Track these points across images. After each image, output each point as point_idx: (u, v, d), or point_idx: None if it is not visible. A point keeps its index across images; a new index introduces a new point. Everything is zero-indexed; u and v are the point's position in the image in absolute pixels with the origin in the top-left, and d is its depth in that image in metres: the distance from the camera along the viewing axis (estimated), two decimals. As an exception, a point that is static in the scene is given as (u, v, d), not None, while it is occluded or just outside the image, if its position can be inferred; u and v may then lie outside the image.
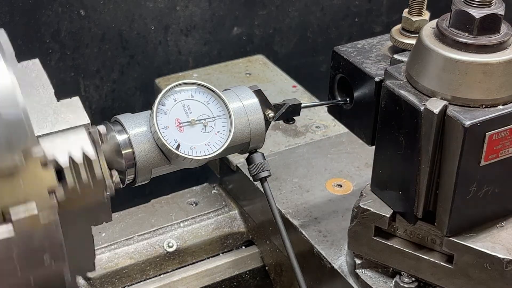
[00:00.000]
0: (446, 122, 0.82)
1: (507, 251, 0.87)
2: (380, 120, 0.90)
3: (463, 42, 0.82)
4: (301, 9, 1.70)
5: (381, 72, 0.93)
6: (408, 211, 0.89)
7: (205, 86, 0.92)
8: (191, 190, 1.29)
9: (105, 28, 1.50)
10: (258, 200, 1.18)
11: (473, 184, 0.85)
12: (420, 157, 0.84)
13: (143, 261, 1.17)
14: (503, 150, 0.84)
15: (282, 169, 1.21)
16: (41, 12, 1.42)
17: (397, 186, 0.90)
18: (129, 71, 1.57)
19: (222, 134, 0.91)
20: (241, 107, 0.94)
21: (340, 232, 1.08)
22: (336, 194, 1.16)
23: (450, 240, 0.88)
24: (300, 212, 1.12)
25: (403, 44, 0.95)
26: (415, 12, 0.95)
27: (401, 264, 0.94)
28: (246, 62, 1.53)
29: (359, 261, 0.98)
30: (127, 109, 1.28)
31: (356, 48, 0.99)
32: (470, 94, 0.82)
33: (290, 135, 1.30)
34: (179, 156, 0.88)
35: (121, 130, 0.89)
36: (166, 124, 0.89)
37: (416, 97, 0.84)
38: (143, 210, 1.24)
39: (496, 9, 0.83)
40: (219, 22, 1.61)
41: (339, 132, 1.29)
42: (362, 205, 0.93)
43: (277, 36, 1.70)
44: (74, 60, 1.50)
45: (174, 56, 1.60)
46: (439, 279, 0.91)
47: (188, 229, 1.21)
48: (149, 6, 1.52)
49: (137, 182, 0.91)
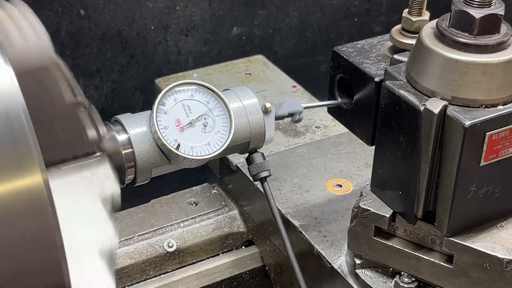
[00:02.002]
0: (446, 122, 0.82)
1: (507, 251, 0.87)
2: (380, 120, 0.90)
3: (463, 42, 0.82)
4: (301, 9, 1.70)
5: (381, 72, 0.93)
6: (408, 211, 0.89)
7: (205, 86, 0.93)
8: (191, 190, 1.29)
9: (105, 28, 1.50)
10: (258, 200, 1.18)
11: (473, 184, 0.85)
12: (420, 157, 0.84)
13: (143, 261, 1.17)
14: (503, 150, 0.84)
15: (282, 169, 1.21)
16: (41, 12, 1.42)
17: (397, 186, 0.90)
18: (129, 71, 1.57)
19: (222, 134, 0.91)
20: (241, 107, 0.94)
21: (340, 232, 1.08)
22: (336, 194, 1.16)
23: (450, 240, 0.88)
24: (300, 212, 1.12)
25: (403, 44, 0.95)
26: (415, 12, 0.95)
27: (401, 264, 0.94)
28: (246, 62, 1.53)
29: (359, 261, 0.98)
30: (127, 109, 1.27)
31: (356, 48, 0.99)
32: (470, 94, 0.82)
33: (290, 135, 1.30)
34: (179, 156, 0.88)
35: (121, 130, 0.89)
36: (166, 124, 0.89)
37: (416, 97, 0.84)
38: (143, 210, 1.24)
39: (496, 9, 0.83)
40: (219, 22, 1.61)
41: (339, 132, 1.29)
42: (362, 205, 0.93)
43: (277, 36, 1.70)
44: (74, 60, 1.50)
45: (174, 56, 1.60)
46: (439, 279, 0.92)
47: (188, 229, 1.21)
48: (149, 6, 1.52)
49: (137, 182, 0.91)
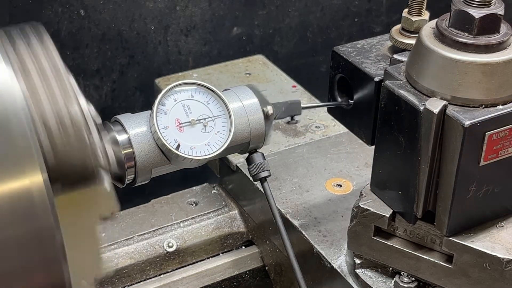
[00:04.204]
0: (446, 122, 0.82)
1: (507, 251, 0.87)
2: (379, 120, 0.90)
3: (462, 42, 0.82)
4: (301, 9, 1.70)
5: (380, 72, 0.93)
6: (407, 211, 0.89)
7: (205, 86, 0.93)
8: (191, 190, 1.29)
9: (105, 28, 1.50)
10: (258, 200, 1.18)
11: (473, 184, 0.85)
12: (419, 157, 0.84)
13: (143, 261, 1.17)
14: (502, 150, 0.84)
15: (282, 169, 1.21)
16: (41, 12, 1.42)
17: (396, 186, 0.90)
18: (129, 71, 1.57)
19: (222, 134, 0.91)
20: (241, 107, 0.94)
21: (340, 232, 1.08)
22: (336, 194, 1.16)
23: (449, 240, 0.88)
24: (300, 212, 1.12)
25: (402, 44, 0.95)
26: (415, 12, 0.95)
27: (401, 264, 0.94)
28: (246, 62, 1.53)
29: (358, 261, 0.98)
30: (127, 109, 1.28)
31: (356, 48, 0.99)
32: (470, 94, 0.82)
33: (290, 135, 1.30)
34: (179, 156, 0.88)
35: (121, 130, 0.89)
36: (166, 124, 0.89)
37: (415, 97, 0.84)
38: (143, 210, 1.24)
39: (495, 9, 0.83)
40: (219, 22, 1.61)
41: (339, 132, 1.29)
42: (361, 205, 0.93)
43: (277, 36, 1.70)
44: (74, 60, 1.50)
45: (174, 56, 1.60)
46: (439, 279, 0.92)
47: (188, 229, 1.21)
48: (149, 6, 1.52)
49: (137, 182, 0.91)
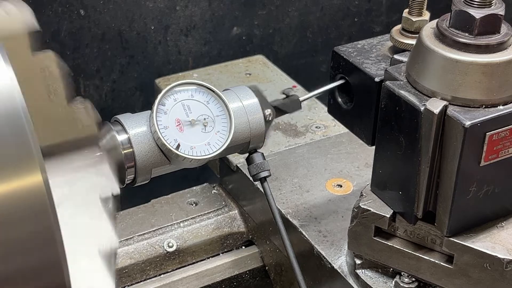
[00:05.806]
0: (446, 122, 0.82)
1: (507, 251, 0.87)
2: (380, 120, 0.90)
3: (463, 42, 0.82)
4: (301, 9, 1.70)
5: (381, 72, 0.93)
6: (408, 211, 0.89)
7: (205, 86, 0.92)
8: (191, 190, 1.29)
9: (105, 28, 1.50)
10: (258, 200, 1.18)
11: (473, 184, 0.85)
12: (420, 157, 0.84)
13: (143, 261, 1.17)
14: (503, 150, 0.84)
15: (282, 169, 1.21)
16: (41, 12, 1.42)
17: (397, 186, 0.90)
18: (129, 71, 1.57)
19: (222, 134, 0.91)
20: (241, 107, 0.94)
21: (340, 232, 1.08)
22: (336, 194, 1.16)
23: (450, 240, 0.88)
24: (300, 212, 1.12)
25: (403, 44, 0.95)
26: (415, 12, 0.95)
27: (401, 264, 0.94)
28: (246, 62, 1.53)
29: (359, 261, 0.98)
30: (127, 109, 1.27)
31: (356, 48, 0.99)
32: (470, 94, 0.82)
33: (290, 135, 1.30)
34: (179, 156, 0.88)
35: (121, 130, 0.89)
36: (166, 124, 0.89)
37: (416, 97, 0.84)
38: (143, 210, 1.24)
39: (496, 9, 0.83)
40: (219, 22, 1.61)
41: (339, 132, 1.28)
42: (362, 205, 0.93)
43: (277, 36, 1.70)
44: (74, 60, 1.50)
45: (174, 56, 1.60)
46: (439, 279, 0.91)
47: (188, 229, 1.21)
48: (149, 6, 1.52)
49: (137, 182, 0.91)
